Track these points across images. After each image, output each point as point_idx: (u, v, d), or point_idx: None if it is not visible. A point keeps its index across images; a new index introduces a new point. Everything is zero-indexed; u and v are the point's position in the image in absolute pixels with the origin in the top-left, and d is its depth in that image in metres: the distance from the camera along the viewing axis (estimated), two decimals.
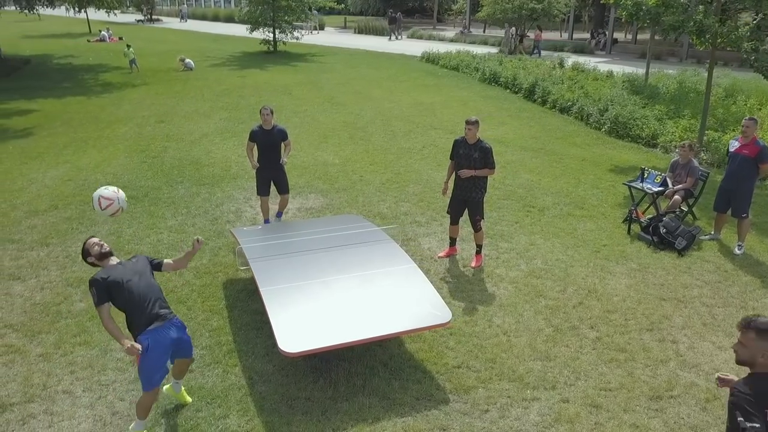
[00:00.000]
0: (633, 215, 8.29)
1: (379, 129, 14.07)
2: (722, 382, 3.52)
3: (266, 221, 8.29)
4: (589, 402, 5.02)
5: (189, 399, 4.98)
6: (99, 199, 4.77)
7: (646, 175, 8.47)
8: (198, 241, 4.81)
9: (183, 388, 4.99)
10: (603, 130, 13.65)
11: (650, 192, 8.30)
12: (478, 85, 19.93)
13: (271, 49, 28.70)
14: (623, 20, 12.98)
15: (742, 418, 2.96)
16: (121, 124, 14.57)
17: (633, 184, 8.56)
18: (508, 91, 18.64)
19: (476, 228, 7.31)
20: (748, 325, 3.09)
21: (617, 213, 8.90)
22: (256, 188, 8.25)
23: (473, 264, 7.44)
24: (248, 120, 14.90)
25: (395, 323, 5.09)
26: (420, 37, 35.66)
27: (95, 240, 4.55)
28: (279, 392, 5.11)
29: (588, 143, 12.90)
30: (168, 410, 4.90)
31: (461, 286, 6.93)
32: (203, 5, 56.82)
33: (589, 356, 5.63)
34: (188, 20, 49.86)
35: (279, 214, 8.51)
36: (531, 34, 28.41)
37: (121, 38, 34.19)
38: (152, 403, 4.58)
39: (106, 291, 4.35)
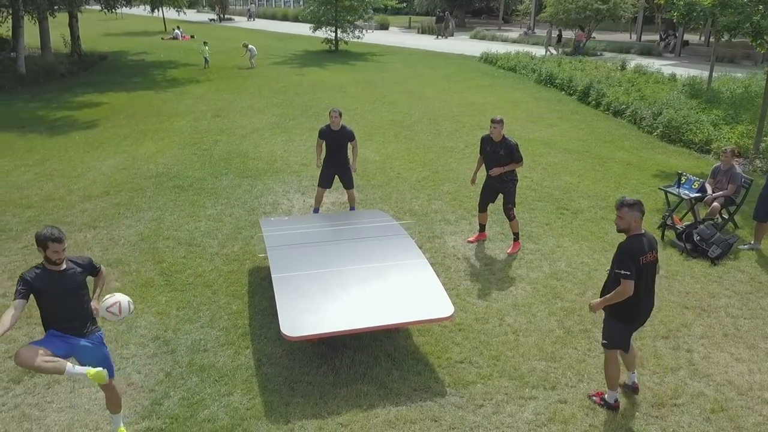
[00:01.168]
0: (668, 221, 8.05)
1: (425, 128, 14.15)
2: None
3: (316, 210, 8.56)
4: (587, 404, 4.98)
5: None
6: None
7: (683, 180, 8.20)
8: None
9: (122, 425, 4.63)
10: (655, 134, 13.23)
11: (686, 198, 8.04)
12: (533, 87, 19.65)
13: (333, 48, 29.22)
14: (675, 21, 12.53)
15: (618, 270, 4.45)
16: (179, 117, 15.27)
17: (669, 189, 8.31)
18: (563, 92, 18.30)
19: (510, 217, 7.61)
20: (621, 203, 4.54)
21: (654, 219, 8.65)
22: (318, 180, 8.48)
23: (509, 250, 7.74)
24: (299, 117, 15.31)
25: (396, 315, 5.21)
26: (483, 38, 35.38)
27: (58, 248, 4.12)
28: (283, 375, 5.33)
29: (636, 147, 12.54)
30: (177, 384, 5.20)
31: (480, 284, 6.96)
32: (273, 5, 58.31)
33: (596, 360, 5.56)
34: (256, 19, 51.32)
35: (352, 209, 8.60)
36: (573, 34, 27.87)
37: (192, 36, 35.65)
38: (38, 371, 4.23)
39: (28, 293, 4.06)
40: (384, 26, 42.64)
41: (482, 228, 8.06)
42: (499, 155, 7.34)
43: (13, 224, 8.46)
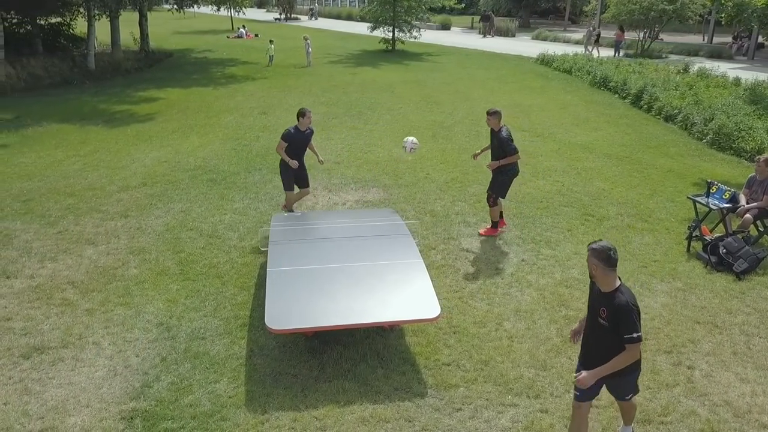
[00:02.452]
0: (695, 232, 7.70)
1: (465, 129, 14.04)
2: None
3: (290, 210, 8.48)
4: (568, 415, 4.84)
5: None
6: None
7: (713, 190, 7.81)
8: None
9: None
10: (704, 141, 12.63)
11: (715, 208, 7.65)
12: (586, 89, 19.12)
13: (389, 47, 29.36)
14: (723, 23, 11.88)
15: (628, 333, 3.83)
16: (227, 113, 15.76)
17: (697, 198, 7.93)
18: (616, 96, 17.71)
19: (489, 203, 8.05)
20: (588, 247, 3.93)
21: (683, 229, 8.28)
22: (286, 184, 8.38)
23: (481, 231, 8.25)
24: (342, 115, 15.50)
25: (381, 313, 5.25)
26: (545, 39, 34.64)
27: None
28: (271, 366, 5.46)
29: (682, 154, 12.01)
30: (170, 369, 5.42)
31: (486, 288, 6.88)
32: (339, 4, 59.05)
33: None
34: (319, 18, 52.13)
35: (291, 211, 8.47)
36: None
37: (256, 35, 36.62)
38: None
39: None
40: (446, 26, 42.41)
41: (500, 217, 8.34)
42: (493, 145, 7.85)
43: (53, 211, 8.99)
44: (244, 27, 37.64)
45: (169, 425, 4.74)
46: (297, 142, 8.17)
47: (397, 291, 5.54)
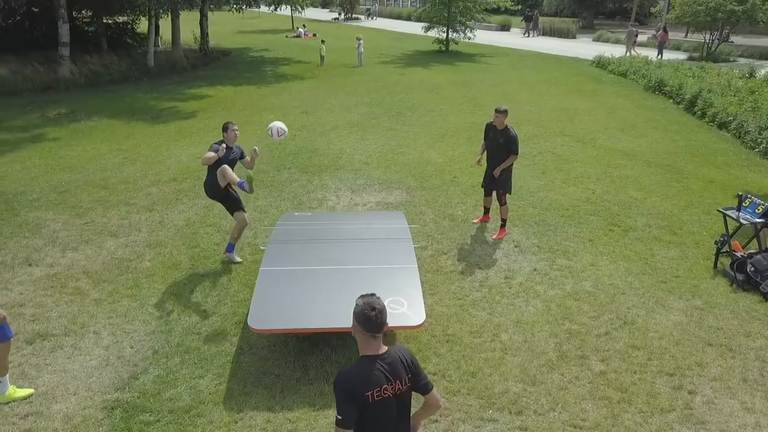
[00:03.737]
0: (723, 247, 7.24)
1: None
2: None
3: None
4: None
5: (22, 394, 5.04)
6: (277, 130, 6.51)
7: (746, 203, 7.30)
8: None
9: (9, 387, 5.01)
10: (757, 150, 11.89)
11: (746, 223, 7.16)
12: (639, 93, 18.37)
13: (443, 48, 29.12)
14: None
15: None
16: (270, 112, 16.02)
17: (728, 212, 7.44)
18: (670, 101, 16.93)
19: (501, 201, 8.04)
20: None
21: (714, 244, 7.81)
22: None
23: (495, 236, 8.16)
24: (381, 116, 15.48)
25: None
26: (606, 40, 33.55)
27: None
28: (256, 365, 5.48)
29: (729, 163, 11.33)
30: (159, 362, 5.52)
31: (490, 296, 6.69)
32: (400, 4, 59.05)
33: (579, 389, 5.16)
34: (378, 18, 52.30)
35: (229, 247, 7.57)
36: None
37: (314, 35, 37.09)
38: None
39: None
40: (505, 27, 41.74)
41: (486, 211, 8.65)
42: (499, 143, 7.82)
43: (85, 202, 9.36)
44: (303, 26, 38.23)
45: (146, 418, 4.83)
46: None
47: (385, 296, 5.41)
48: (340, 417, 2.94)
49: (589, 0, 44.59)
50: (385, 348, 3.08)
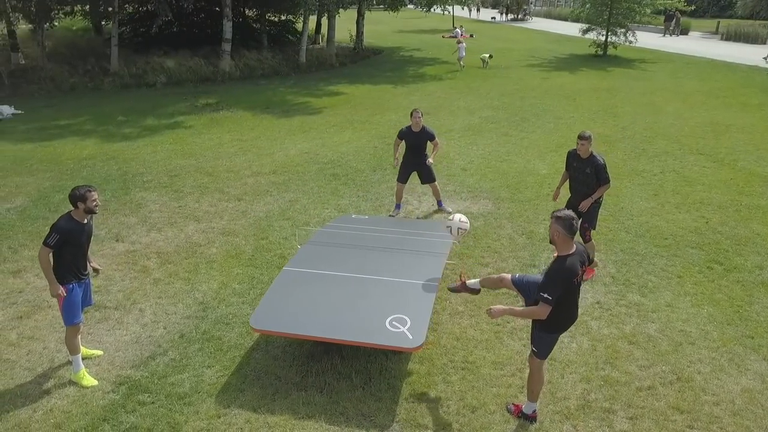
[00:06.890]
0: None
1: (629, 145, 12.52)
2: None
3: (398, 206, 9.07)
4: None
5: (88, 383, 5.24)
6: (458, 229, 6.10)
7: None
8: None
9: (82, 369, 5.27)
10: None
11: None
12: None
13: (600, 52, 27.27)
14: None
15: (541, 292, 4.25)
16: (392, 111, 16.13)
17: None
18: None
19: (585, 238, 7.03)
20: (552, 213, 4.34)
21: None
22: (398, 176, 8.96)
23: (585, 276, 6.96)
24: (502, 121, 14.90)
25: (363, 333, 4.97)
26: None
27: (96, 197, 5.02)
28: (263, 364, 5.52)
29: None
30: (180, 346, 5.78)
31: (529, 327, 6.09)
32: (564, 5, 56.41)
33: None
34: (533, 19, 50.40)
35: (440, 203, 9.25)
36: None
37: (471, 35, 36.71)
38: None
39: (62, 240, 4.89)
40: (684, 31, 38.04)
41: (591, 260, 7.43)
42: (585, 173, 6.91)
43: (187, 187, 10.11)
44: (461, 27, 38.01)
45: (143, 398, 5.07)
46: (409, 141, 8.81)
47: (389, 313, 5.17)
48: (550, 297, 4.17)
49: None
50: (574, 246, 4.31)
